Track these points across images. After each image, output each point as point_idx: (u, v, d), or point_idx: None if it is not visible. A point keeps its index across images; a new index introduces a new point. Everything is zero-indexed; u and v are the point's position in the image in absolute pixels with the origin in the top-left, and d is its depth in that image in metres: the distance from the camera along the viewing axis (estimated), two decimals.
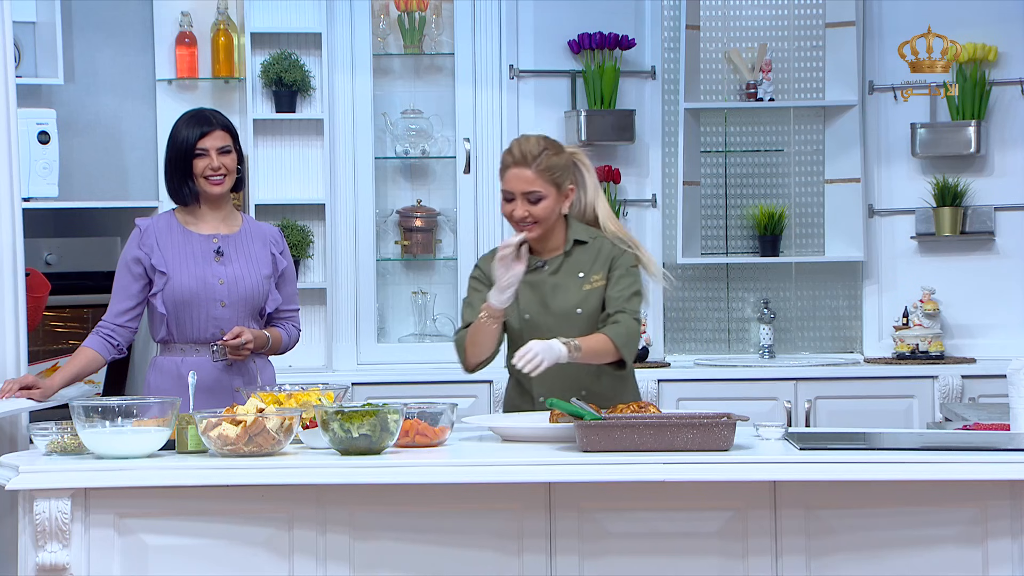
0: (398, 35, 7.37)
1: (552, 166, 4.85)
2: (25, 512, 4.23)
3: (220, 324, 5.08)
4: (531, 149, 4.85)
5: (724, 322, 7.54)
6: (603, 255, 4.94)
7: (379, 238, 7.36)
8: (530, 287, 4.91)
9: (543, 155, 4.84)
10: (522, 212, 4.85)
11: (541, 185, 4.84)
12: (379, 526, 4.29)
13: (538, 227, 4.87)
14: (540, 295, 4.91)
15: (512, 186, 4.86)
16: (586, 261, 4.93)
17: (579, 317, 4.88)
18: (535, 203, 4.85)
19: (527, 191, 4.84)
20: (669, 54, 7.41)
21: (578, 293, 4.90)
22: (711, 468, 4.22)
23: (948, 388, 7.04)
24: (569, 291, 4.91)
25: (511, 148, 4.89)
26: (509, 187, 4.87)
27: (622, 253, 4.95)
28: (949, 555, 4.28)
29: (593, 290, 4.91)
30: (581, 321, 4.88)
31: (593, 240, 4.96)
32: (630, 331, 4.85)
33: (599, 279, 4.91)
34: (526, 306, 4.91)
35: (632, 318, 4.87)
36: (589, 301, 4.90)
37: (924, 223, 7.43)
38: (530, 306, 4.91)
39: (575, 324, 4.86)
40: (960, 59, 7.22)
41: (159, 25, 7.16)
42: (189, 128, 5.08)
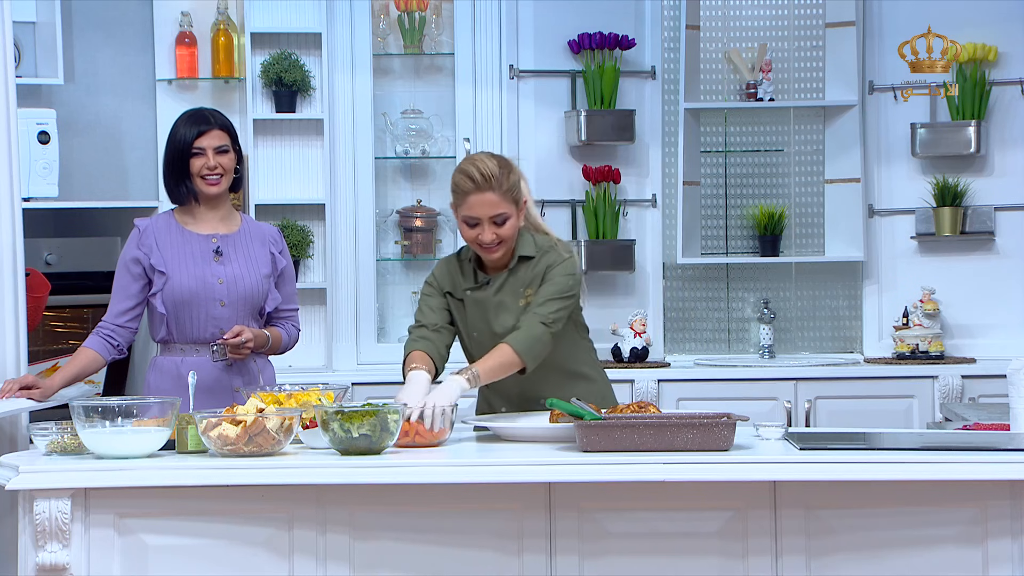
0: (398, 35, 7.37)
1: (511, 185, 4.77)
2: (25, 512, 4.23)
3: (220, 324, 5.08)
4: (491, 170, 4.74)
5: (724, 322, 7.54)
6: (539, 269, 4.84)
7: (379, 238, 7.36)
8: (476, 305, 4.88)
9: (502, 175, 4.75)
10: (491, 236, 4.76)
11: (506, 206, 4.76)
12: (379, 526, 4.29)
13: (503, 246, 4.80)
14: (484, 314, 4.87)
15: (478, 212, 4.75)
16: (527, 278, 4.85)
17: None
18: (501, 225, 4.77)
19: (495, 215, 4.76)
20: (669, 54, 7.41)
21: (516, 311, 4.84)
22: (711, 468, 4.22)
23: (948, 388, 7.04)
24: (510, 310, 4.84)
25: (469, 173, 4.75)
26: (474, 213, 4.75)
27: (555, 261, 4.83)
28: (949, 555, 4.28)
29: (528, 305, 4.85)
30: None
31: (538, 254, 4.86)
32: (530, 335, 4.72)
33: (531, 294, 4.84)
34: (473, 324, 4.89)
35: (539, 321, 4.74)
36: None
37: (924, 223, 7.43)
38: (476, 324, 4.89)
39: None
40: (960, 59, 7.22)
41: (159, 25, 7.16)
42: (187, 127, 5.08)
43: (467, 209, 4.77)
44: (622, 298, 7.39)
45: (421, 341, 4.85)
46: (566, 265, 4.84)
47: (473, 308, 4.89)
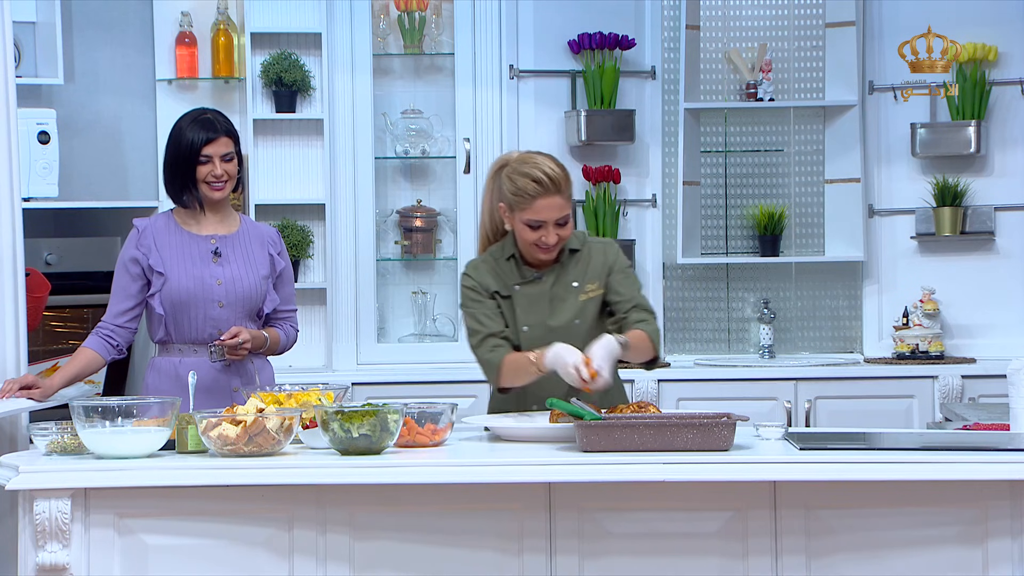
0: (398, 35, 7.37)
1: (571, 186, 4.81)
2: (25, 512, 4.23)
3: (218, 324, 5.07)
4: (559, 174, 4.75)
5: (724, 322, 7.54)
6: (595, 262, 4.88)
7: (379, 238, 7.36)
8: (528, 300, 4.88)
9: (566, 177, 4.77)
10: (555, 238, 4.77)
11: (568, 208, 4.78)
12: (379, 526, 4.29)
13: (557, 248, 4.83)
14: (538, 308, 4.87)
15: (545, 215, 4.74)
16: (579, 270, 4.88)
17: (577, 328, 4.85)
18: (563, 226, 4.78)
19: (559, 217, 4.77)
20: (669, 54, 7.41)
21: (575, 305, 4.86)
22: (711, 468, 4.22)
23: (948, 388, 7.04)
24: (566, 303, 4.86)
25: (536, 176, 4.73)
26: (541, 216, 4.75)
27: (616, 256, 4.90)
28: (949, 555, 4.29)
29: (590, 300, 4.87)
30: (580, 331, 4.84)
31: (584, 246, 4.90)
32: (657, 330, 4.84)
33: (595, 288, 4.87)
34: (524, 319, 4.87)
35: (653, 318, 4.85)
36: (587, 312, 4.87)
37: (924, 223, 7.43)
38: (529, 319, 4.87)
39: (574, 336, 4.82)
40: (960, 59, 7.22)
41: (159, 25, 7.16)
42: (193, 132, 5.05)
43: (533, 212, 4.75)
44: None
45: (502, 348, 4.80)
46: (624, 257, 4.91)
47: (524, 303, 4.87)
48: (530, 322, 4.87)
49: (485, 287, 4.89)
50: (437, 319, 7.37)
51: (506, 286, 4.89)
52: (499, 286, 4.90)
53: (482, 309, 4.86)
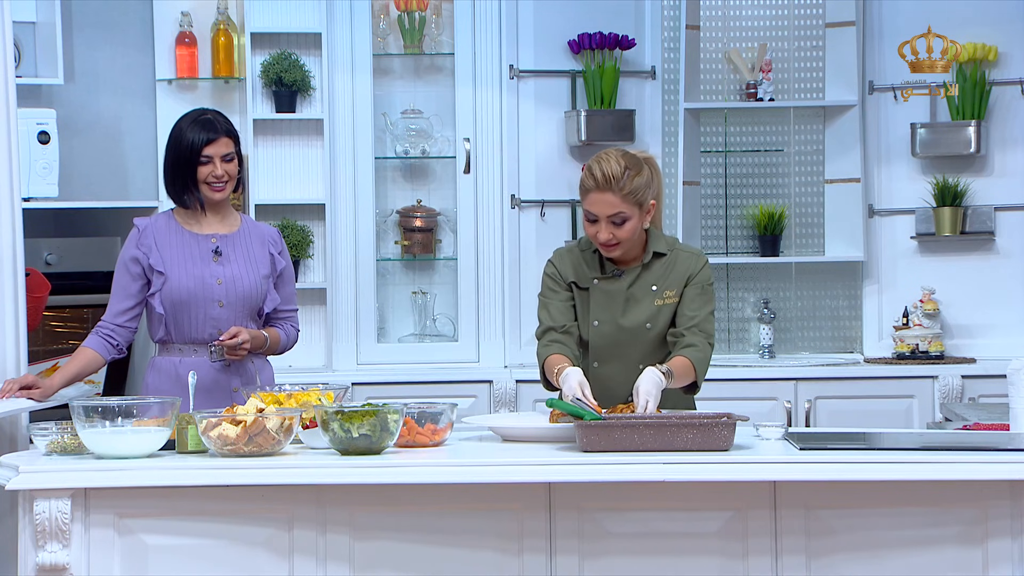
0: (398, 35, 7.37)
1: (635, 187, 4.75)
2: (25, 512, 4.23)
3: (218, 324, 5.07)
4: (613, 172, 4.73)
5: (724, 322, 7.54)
6: (678, 270, 4.87)
7: (379, 238, 7.35)
8: (604, 295, 4.86)
9: (626, 177, 4.74)
10: (607, 235, 4.76)
11: (626, 207, 4.74)
12: (379, 526, 4.29)
13: (620, 247, 4.80)
14: (612, 305, 4.86)
15: (597, 209, 4.75)
16: (661, 275, 4.86)
17: (647, 332, 4.85)
18: (620, 225, 4.76)
19: (612, 214, 4.75)
20: (669, 54, 7.41)
21: (649, 308, 4.85)
22: (711, 468, 4.22)
23: (948, 388, 7.04)
24: (641, 305, 4.85)
25: (592, 171, 4.75)
26: (593, 210, 4.76)
27: (699, 268, 4.87)
28: (949, 555, 4.28)
29: (665, 306, 4.85)
30: (650, 336, 4.85)
31: (671, 252, 4.89)
32: (707, 356, 4.81)
33: (672, 295, 4.85)
34: (597, 313, 4.86)
35: (707, 342, 4.82)
36: (659, 317, 4.85)
37: (924, 223, 7.43)
38: (601, 314, 4.86)
39: (643, 338, 4.84)
40: (960, 59, 7.22)
41: (159, 25, 7.16)
42: (194, 133, 5.05)
43: (588, 204, 4.78)
44: None
45: (555, 345, 4.82)
46: (709, 273, 4.89)
47: (600, 297, 4.87)
48: (602, 318, 4.86)
49: (564, 276, 4.89)
50: (437, 319, 7.37)
51: (586, 278, 4.89)
52: (579, 277, 4.90)
53: (555, 300, 4.88)
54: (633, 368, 4.77)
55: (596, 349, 4.86)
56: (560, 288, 4.89)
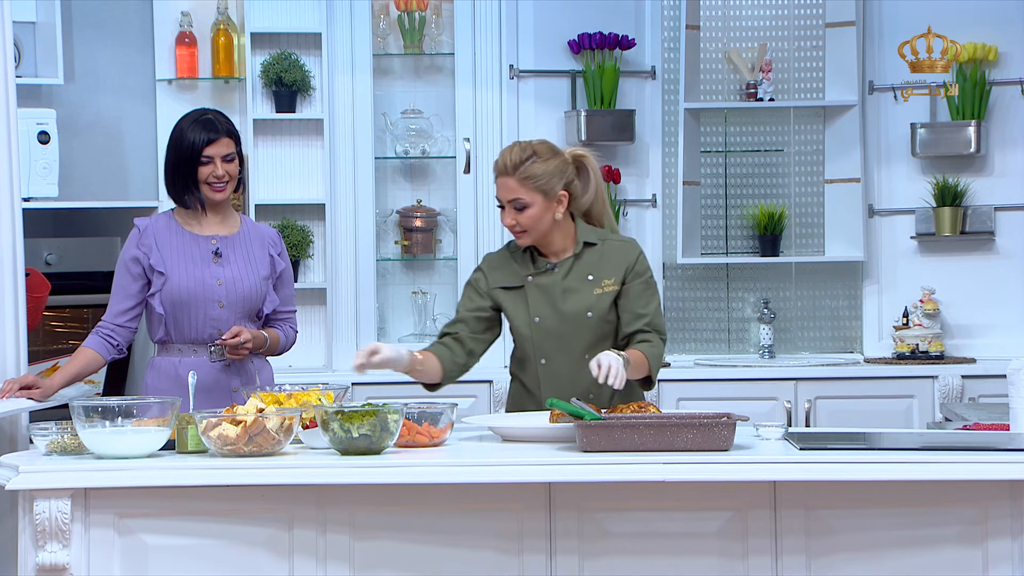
0: (398, 35, 7.37)
1: (536, 174, 4.82)
2: (25, 512, 4.23)
3: (218, 325, 5.07)
4: (514, 158, 4.83)
5: (724, 322, 7.54)
6: (613, 259, 4.91)
7: (379, 238, 7.35)
8: (540, 290, 4.90)
9: (526, 163, 4.82)
10: (510, 220, 4.86)
11: (525, 193, 4.82)
12: (379, 526, 4.29)
13: (527, 235, 4.86)
14: (550, 298, 4.89)
15: (499, 194, 4.88)
16: (595, 263, 4.91)
17: (589, 320, 4.87)
18: (521, 211, 4.84)
19: (511, 199, 4.84)
20: (669, 54, 7.41)
21: (589, 297, 4.89)
22: (711, 468, 4.22)
23: (948, 388, 7.04)
24: (580, 294, 4.89)
25: (498, 157, 4.89)
26: (498, 195, 4.89)
27: (638, 258, 4.93)
28: (949, 555, 4.28)
29: (604, 294, 4.89)
30: (592, 324, 4.87)
31: (602, 242, 4.93)
32: (661, 353, 4.86)
33: (610, 284, 4.89)
34: (536, 309, 4.90)
35: (661, 339, 4.88)
36: (600, 305, 4.88)
37: (924, 223, 7.43)
38: (540, 309, 4.90)
39: (585, 327, 4.86)
40: (960, 59, 7.22)
41: (159, 25, 7.16)
42: (195, 133, 5.05)
43: (496, 191, 4.89)
44: None
45: (437, 346, 4.94)
46: (647, 262, 4.95)
47: (536, 293, 4.90)
48: (542, 312, 4.89)
49: (489, 281, 4.95)
50: (437, 319, 7.37)
51: (518, 276, 4.93)
52: (508, 279, 4.93)
53: (466, 304, 4.97)
54: (579, 361, 4.82)
55: (540, 345, 4.89)
56: (476, 295, 4.97)
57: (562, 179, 4.87)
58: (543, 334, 4.88)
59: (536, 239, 4.88)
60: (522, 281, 4.92)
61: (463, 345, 4.93)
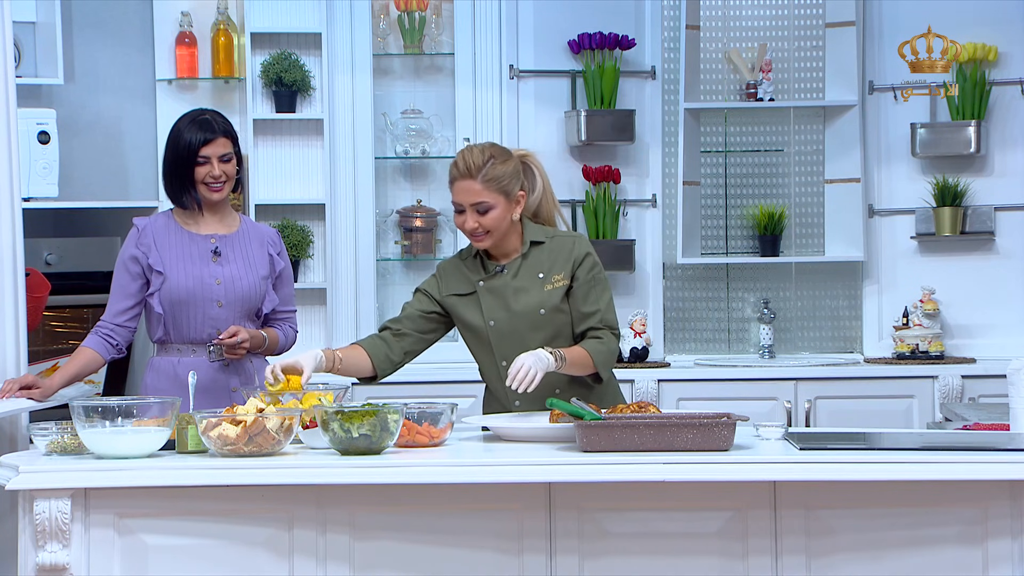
0: (398, 35, 7.37)
1: (498, 175, 4.83)
2: (25, 512, 4.23)
3: (217, 324, 5.07)
4: (475, 160, 4.83)
5: (724, 322, 7.54)
6: (560, 254, 4.91)
7: (379, 238, 7.36)
8: (491, 293, 4.91)
9: (488, 165, 4.82)
10: (472, 223, 4.85)
11: (488, 195, 4.82)
12: (379, 526, 4.29)
13: (489, 237, 4.87)
14: (502, 299, 4.90)
15: (460, 198, 4.85)
16: (544, 261, 4.91)
17: (543, 317, 4.88)
18: (483, 214, 4.83)
19: (475, 202, 4.83)
20: (669, 54, 7.41)
21: (539, 294, 4.89)
22: (711, 468, 4.22)
23: (948, 388, 7.04)
24: (530, 293, 4.89)
25: (456, 160, 4.87)
26: (458, 199, 4.86)
27: (584, 254, 4.91)
28: (949, 555, 4.28)
29: (555, 290, 4.89)
30: (545, 320, 4.88)
31: (549, 240, 4.94)
32: (611, 349, 4.87)
33: (561, 279, 4.90)
34: (489, 312, 4.91)
35: (612, 334, 4.88)
36: (551, 301, 4.89)
37: (924, 223, 7.43)
38: (493, 312, 4.91)
39: (539, 324, 4.88)
40: (960, 59, 7.22)
41: (159, 25, 7.16)
42: (191, 133, 5.05)
43: (454, 195, 4.88)
44: (622, 298, 7.38)
45: (373, 338, 4.97)
46: (594, 257, 4.94)
47: (489, 297, 4.91)
48: (495, 315, 4.90)
49: (441, 288, 4.98)
50: None
51: (470, 283, 4.94)
52: (463, 286, 4.96)
53: (414, 304, 5.00)
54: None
55: (499, 347, 4.89)
56: (425, 299, 4.99)
57: (519, 180, 4.90)
58: (499, 336, 4.89)
59: (495, 241, 4.88)
60: (474, 287, 4.94)
61: (403, 340, 4.95)
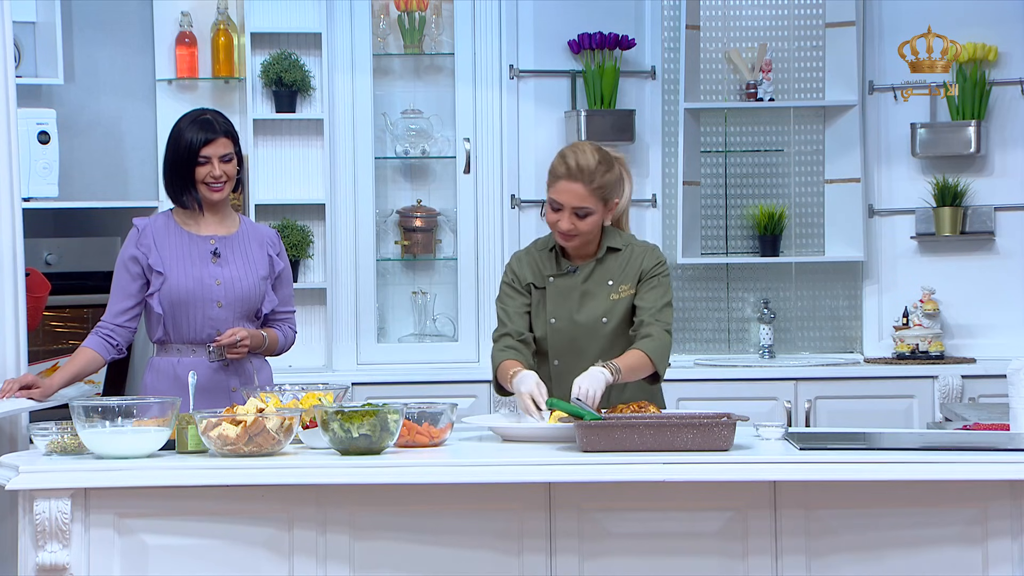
0: (398, 35, 7.37)
1: (606, 183, 4.77)
2: (25, 512, 4.23)
3: (216, 325, 5.07)
4: (588, 164, 4.75)
5: (724, 322, 7.54)
6: (633, 264, 4.88)
7: (379, 238, 7.36)
8: (559, 292, 4.88)
9: (598, 172, 4.75)
10: (568, 225, 4.77)
11: (592, 202, 4.77)
12: (379, 526, 4.29)
13: (578, 239, 4.82)
14: (567, 301, 4.87)
15: (563, 198, 4.77)
16: (616, 269, 4.88)
17: (604, 327, 4.86)
18: (583, 218, 4.78)
19: (577, 206, 4.76)
20: (669, 54, 7.41)
21: (605, 302, 4.87)
22: (711, 468, 4.22)
23: (948, 388, 7.04)
24: (597, 300, 4.87)
25: (566, 158, 4.77)
26: (559, 198, 4.77)
27: (654, 263, 4.88)
28: (949, 555, 4.29)
29: (620, 300, 4.87)
30: (606, 330, 4.85)
31: (626, 247, 4.90)
32: (663, 344, 4.80)
33: (627, 289, 4.86)
34: (553, 311, 4.88)
35: (664, 330, 4.82)
36: (615, 311, 4.87)
37: (924, 223, 7.43)
38: (557, 311, 4.88)
39: (600, 333, 4.85)
40: (960, 59, 7.22)
41: (159, 25, 7.16)
42: (192, 133, 5.05)
43: (555, 193, 4.79)
44: None
45: (510, 351, 4.84)
46: (665, 267, 4.90)
47: (555, 295, 4.88)
48: (558, 315, 4.87)
49: (522, 279, 4.91)
50: (437, 319, 7.37)
51: (542, 277, 4.91)
52: (536, 277, 4.92)
53: (512, 305, 4.90)
54: (591, 364, 4.77)
55: (554, 347, 4.87)
56: (517, 294, 4.91)
57: (620, 188, 4.84)
58: (557, 336, 4.87)
59: (582, 244, 4.85)
60: (544, 281, 4.91)
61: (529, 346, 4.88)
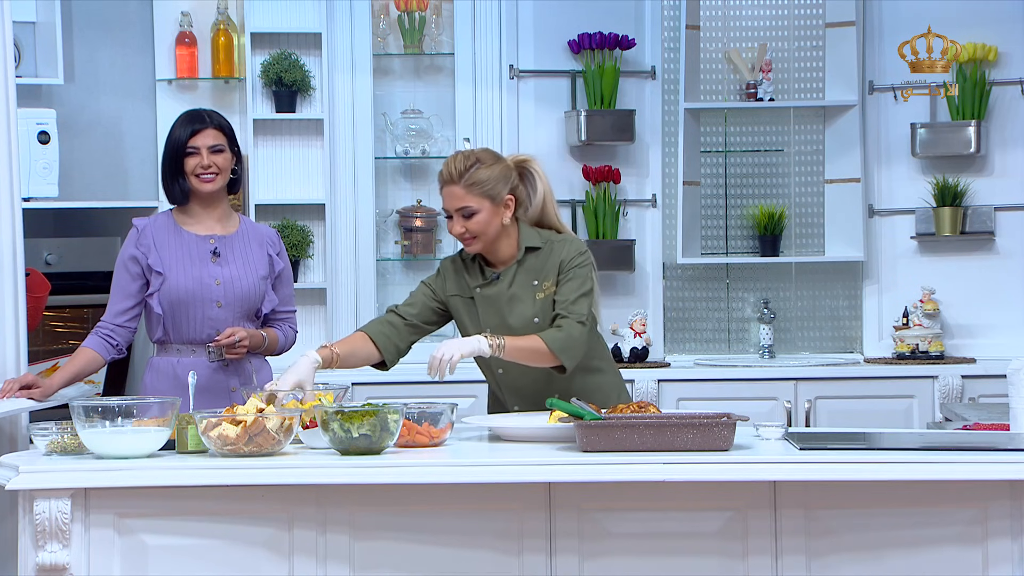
0: (398, 35, 7.37)
1: (480, 180, 4.81)
2: (25, 512, 4.23)
3: (216, 325, 5.07)
4: (458, 166, 4.83)
5: (724, 322, 7.54)
6: (553, 259, 4.89)
7: (379, 238, 7.36)
8: (487, 301, 4.90)
9: (470, 171, 4.81)
10: (459, 228, 4.84)
11: (472, 200, 4.82)
12: (379, 526, 4.29)
13: (477, 241, 4.85)
14: (497, 309, 4.89)
15: (446, 204, 4.87)
16: (538, 268, 4.89)
17: (537, 327, 4.85)
18: (469, 218, 4.83)
19: (459, 207, 4.83)
20: (669, 54, 7.41)
21: (533, 303, 4.88)
22: (711, 468, 4.22)
23: (948, 388, 7.04)
24: (524, 302, 4.88)
25: (442, 170, 4.88)
26: (444, 205, 4.88)
27: (571, 255, 4.89)
28: (949, 555, 4.29)
29: (547, 297, 4.88)
30: (541, 329, 4.85)
31: (546, 244, 4.91)
32: (570, 336, 4.79)
33: (550, 286, 4.88)
34: (485, 320, 4.90)
35: (576, 321, 4.81)
36: (545, 309, 4.87)
37: (924, 223, 7.43)
38: (489, 320, 4.89)
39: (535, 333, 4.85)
40: (960, 59, 7.22)
41: (159, 25, 7.16)
42: (182, 127, 5.08)
43: (442, 202, 4.90)
44: (622, 298, 7.39)
45: (378, 323, 4.97)
46: (583, 256, 4.90)
47: (485, 304, 4.90)
48: (490, 323, 4.89)
49: (444, 286, 4.98)
50: None
51: (468, 288, 4.94)
52: (459, 289, 4.95)
53: (417, 294, 5.01)
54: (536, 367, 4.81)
55: (495, 356, 4.84)
56: (430, 294, 4.99)
57: (507, 184, 4.87)
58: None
59: (485, 246, 4.86)
60: (471, 292, 4.93)
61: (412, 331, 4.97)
